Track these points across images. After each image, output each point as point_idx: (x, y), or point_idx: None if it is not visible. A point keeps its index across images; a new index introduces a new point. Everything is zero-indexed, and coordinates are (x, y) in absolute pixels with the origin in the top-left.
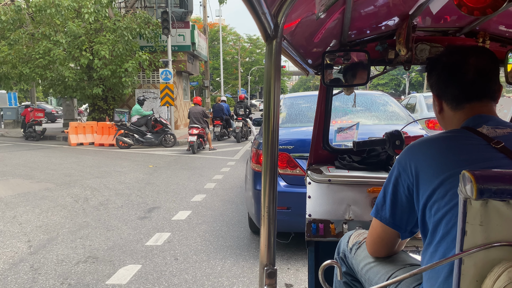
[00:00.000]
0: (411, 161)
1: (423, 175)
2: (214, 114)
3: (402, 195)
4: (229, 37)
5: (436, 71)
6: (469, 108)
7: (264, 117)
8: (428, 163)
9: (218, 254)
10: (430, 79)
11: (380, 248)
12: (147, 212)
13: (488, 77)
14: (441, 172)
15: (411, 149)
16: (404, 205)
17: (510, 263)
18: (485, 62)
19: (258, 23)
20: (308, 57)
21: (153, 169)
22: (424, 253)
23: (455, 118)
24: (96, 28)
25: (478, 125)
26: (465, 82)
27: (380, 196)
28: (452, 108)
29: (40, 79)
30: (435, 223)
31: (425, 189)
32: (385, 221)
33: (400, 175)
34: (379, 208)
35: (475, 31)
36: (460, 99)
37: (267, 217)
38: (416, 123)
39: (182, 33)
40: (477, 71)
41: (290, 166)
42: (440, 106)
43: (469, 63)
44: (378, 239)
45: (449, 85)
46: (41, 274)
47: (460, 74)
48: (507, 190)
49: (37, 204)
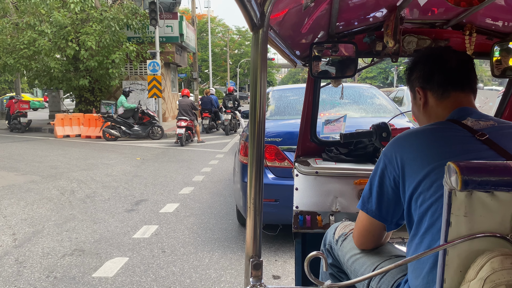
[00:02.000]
0: (396, 153)
1: (408, 167)
2: (202, 106)
3: (388, 187)
4: (218, 28)
5: (420, 64)
6: (454, 97)
7: (251, 108)
8: (414, 155)
9: (206, 246)
10: (412, 74)
11: (366, 240)
12: (134, 205)
13: (468, 67)
14: (426, 163)
15: (397, 141)
16: (390, 197)
17: (493, 253)
18: (464, 55)
19: (244, 12)
20: (296, 48)
21: (140, 162)
22: (410, 244)
23: (439, 109)
24: (82, 18)
25: (463, 117)
26: (449, 68)
27: (366, 188)
28: (438, 97)
29: (25, 70)
30: (421, 215)
31: (411, 181)
32: (371, 213)
33: (386, 167)
34: (365, 200)
35: (462, 23)
36: (446, 85)
37: (253, 209)
38: (403, 116)
39: (170, 24)
40: (458, 61)
41: (278, 158)
42: (425, 98)
43: (451, 55)
44: (365, 231)
45: (434, 73)
46: (26, 267)
47: (444, 62)
48: (491, 182)
49: (22, 197)
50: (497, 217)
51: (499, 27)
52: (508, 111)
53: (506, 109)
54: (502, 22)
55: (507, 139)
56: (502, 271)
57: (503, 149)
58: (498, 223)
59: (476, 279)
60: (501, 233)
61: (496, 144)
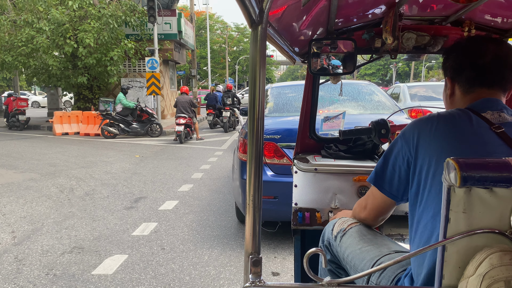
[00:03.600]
0: (414, 135)
1: (422, 149)
2: (208, 102)
3: (401, 168)
4: (217, 25)
5: (454, 53)
6: (479, 92)
7: (249, 105)
8: (430, 140)
9: (205, 243)
10: (446, 62)
11: (374, 213)
12: (133, 202)
13: (504, 64)
14: (438, 150)
15: (416, 124)
16: (402, 177)
17: (492, 249)
18: (503, 51)
19: (243, 8)
20: (295, 45)
21: (139, 159)
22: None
23: (462, 101)
24: (81, 15)
25: (483, 109)
26: (481, 65)
27: (380, 163)
28: (464, 91)
29: (23, 68)
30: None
31: (422, 164)
32: (382, 190)
33: (402, 147)
34: (378, 176)
35: (461, 20)
36: (474, 82)
37: (252, 205)
38: (402, 112)
39: (169, 21)
40: (494, 57)
41: (277, 155)
42: (452, 89)
43: (488, 48)
44: (375, 205)
45: (465, 67)
46: (26, 265)
47: (477, 57)
48: (490, 178)
49: (21, 195)
50: (496, 213)
51: (498, 23)
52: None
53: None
54: (501, 18)
55: None
56: (501, 267)
57: None
58: (497, 219)
59: (475, 275)
60: (500, 229)
61: (511, 139)
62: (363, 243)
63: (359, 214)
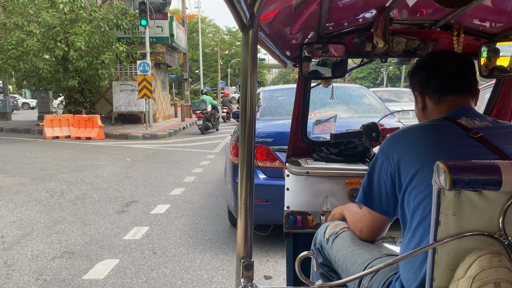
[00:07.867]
0: (393, 149)
1: (404, 162)
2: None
3: (386, 183)
4: (208, 29)
5: (419, 69)
6: (450, 101)
7: (241, 108)
8: (409, 150)
9: (197, 247)
10: (413, 78)
11: (372, 233)
12: (125, 206)
13: (466, 71)
14: (420, 158)
15: (393, 137)
16: (389, 192)
17: (481, 252)
18: (463, 59)
19: (234, 13)
20: (286, 49)
21: (131, 163)
22: (404, 239)
23: (436, 111)
24: (72, 18)
25: (458, 116)
26: (446, 74)
27: (365, 183)
28: (435, 101)
29: (13, 71)
30: (413, 209)
31: (406, 175)
32: (373, 208)
33: (383, 163)
34: (366, 195)
35: (450, 24)
36: (443, 91)
37: (244, 209)
38: (393, 116)
39: (160, 24)
40: (457, 65)
41: (269, 158)
42: (423, 102)
43: (451, 59)
44: (370, 225)
45: (432, 78)
46: (15, 270)
47: (441, 67)
48: (479, 181)
49: (10, 199)
50: (485, 216)
51: (486, 27)
52: (496, 111)
53: (494, 109)
54: (489, 23)
55: (501, 138)
56: (490, 269)
57: (496, 147)
58: (487, 221)
59: (465, 277)
60: (489, 232)
61: (489, 142)
62: (354, 246)
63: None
